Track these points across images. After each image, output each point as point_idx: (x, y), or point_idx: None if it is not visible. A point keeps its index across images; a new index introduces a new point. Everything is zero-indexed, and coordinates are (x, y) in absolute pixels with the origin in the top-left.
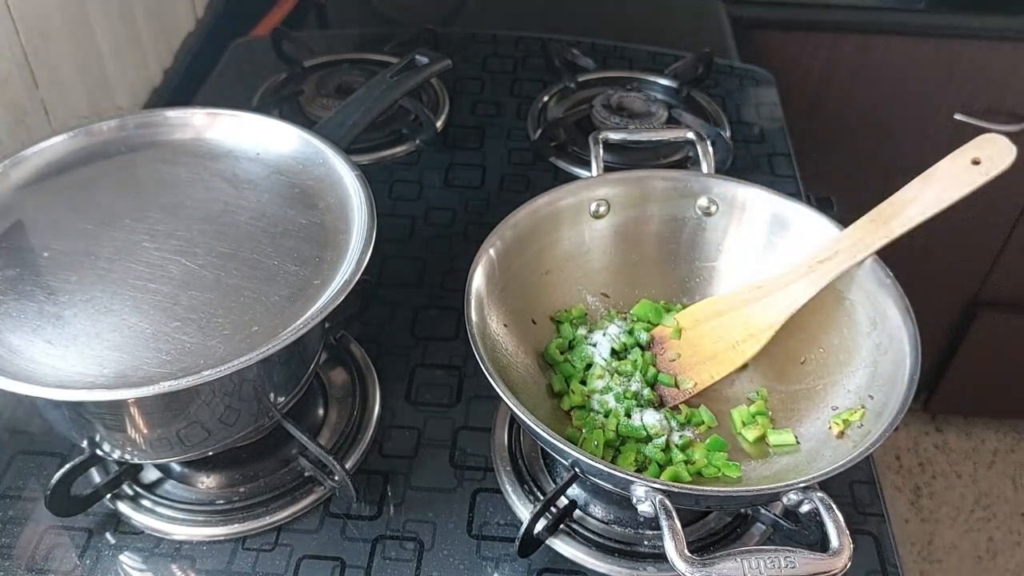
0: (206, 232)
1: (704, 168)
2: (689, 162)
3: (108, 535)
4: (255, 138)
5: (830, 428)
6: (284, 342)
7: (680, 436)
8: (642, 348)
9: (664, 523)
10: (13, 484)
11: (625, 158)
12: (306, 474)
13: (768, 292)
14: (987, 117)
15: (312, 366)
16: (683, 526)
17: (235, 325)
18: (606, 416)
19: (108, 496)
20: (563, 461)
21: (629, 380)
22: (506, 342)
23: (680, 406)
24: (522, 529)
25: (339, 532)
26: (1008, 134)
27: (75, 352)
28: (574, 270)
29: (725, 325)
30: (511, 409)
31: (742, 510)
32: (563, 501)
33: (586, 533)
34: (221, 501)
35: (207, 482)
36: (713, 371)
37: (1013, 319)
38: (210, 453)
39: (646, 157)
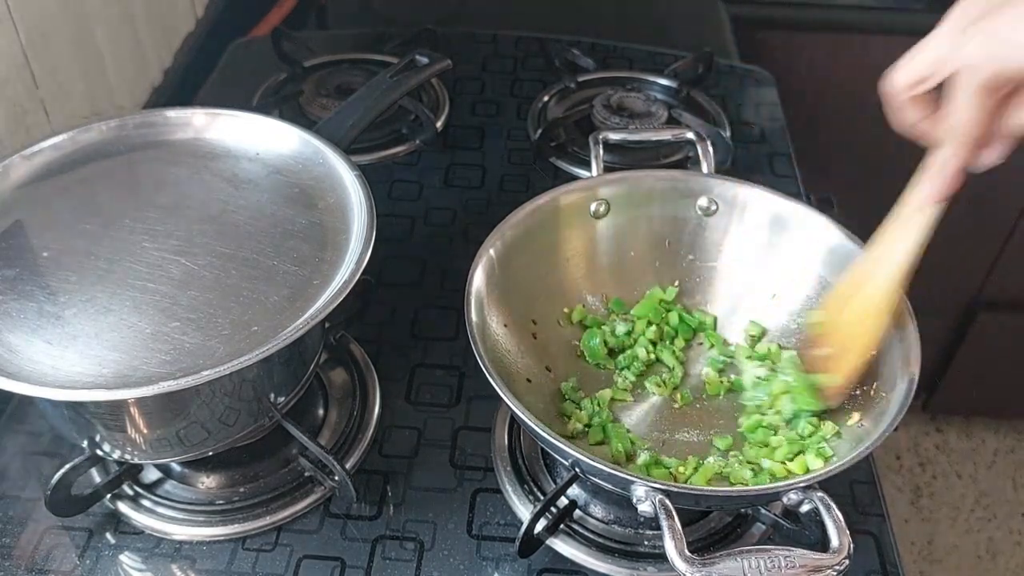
0: (206, 232)
1: (704, 168)
2: (689, 162)
3: (108, 535)
4: (255, 138)
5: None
6: (284, 342)
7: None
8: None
9: (664, 523)
10: (13, 484)
11: (625, 158)
12: (306, 474)
13: (880, 249)
14: None
15: (312, 366)
16: (683, 526)
17: (235, 325)
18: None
19: (108, 496)
20: (563, 461)
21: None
22: (506, 342)
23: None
24: (522, 529)
25: (339, 532)
26: None
27: (75, 352)
28: (574, 270)
29: (864, 299)
30: (511, 409)
31: (742, 510)
32: (563, 501)
33: (586, 533)
34: (221, 501)
35: (207, 482)
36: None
37: (1013, 319)
38: (210, 453)
39: (646, 157)
